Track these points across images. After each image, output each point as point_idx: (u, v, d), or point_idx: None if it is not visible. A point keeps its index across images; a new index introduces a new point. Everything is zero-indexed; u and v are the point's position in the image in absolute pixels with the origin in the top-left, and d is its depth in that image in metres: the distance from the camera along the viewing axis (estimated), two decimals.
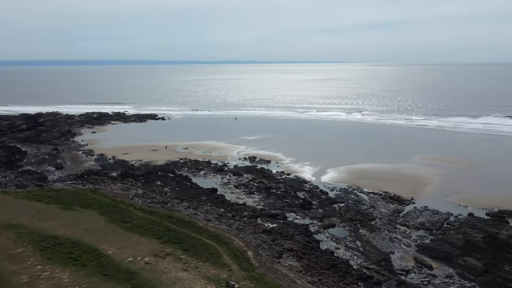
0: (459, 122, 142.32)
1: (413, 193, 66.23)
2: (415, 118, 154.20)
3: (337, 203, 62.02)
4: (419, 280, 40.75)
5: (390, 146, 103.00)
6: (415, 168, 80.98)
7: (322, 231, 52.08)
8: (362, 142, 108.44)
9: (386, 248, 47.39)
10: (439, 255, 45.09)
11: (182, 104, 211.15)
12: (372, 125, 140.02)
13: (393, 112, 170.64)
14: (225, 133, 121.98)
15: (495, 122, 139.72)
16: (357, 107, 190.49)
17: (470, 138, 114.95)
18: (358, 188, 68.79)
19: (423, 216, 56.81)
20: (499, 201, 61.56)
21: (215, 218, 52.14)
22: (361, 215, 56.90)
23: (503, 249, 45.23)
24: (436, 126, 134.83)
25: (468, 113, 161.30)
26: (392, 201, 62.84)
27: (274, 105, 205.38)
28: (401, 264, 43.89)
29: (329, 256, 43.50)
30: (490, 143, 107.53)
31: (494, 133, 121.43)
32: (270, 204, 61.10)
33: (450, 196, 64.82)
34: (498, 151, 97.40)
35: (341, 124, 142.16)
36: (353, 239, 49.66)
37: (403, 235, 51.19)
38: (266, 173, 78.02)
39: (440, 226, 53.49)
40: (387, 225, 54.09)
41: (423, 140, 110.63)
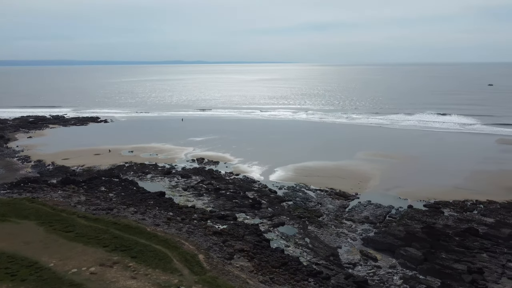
0: (396, 119, 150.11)
1: (357, 188, 68.89)
2: (356, 116, 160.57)
3: (286, 201, 63.06)
4: (365, 272, 42.48)
5: (334, 143, 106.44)
6: (358, 164, 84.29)
7: (272, 230, 52.71)
8: (307, 140, 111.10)
9: (334, 243, 48.92)
10: (383, 247, 47.26)
11: (126, 106, 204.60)
12: (317, 123, 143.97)
13: (336, 111, 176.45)
14: (172, 135, 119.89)
15: (428, 119, 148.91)
16: (302, 107, 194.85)
17: (407, 134, 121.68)
18: (305, 186, 70.40)
19: (367, 210, 59.29)
20: (435, 193, 65.67)
21: (164, 223, 51.07)
22: (309, 212, 58.30)
23: (440, 237, 48.38)
24: (376, 124, 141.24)
25: (404, 110, 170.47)
26: (338, 197, 64.98)
27: (221, 105, 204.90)
28: (348, 258, 45.51)
29: (279, 254, 44.12)
30: (425, 138, 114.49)
31: (428, 129, 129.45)
32: (220, 206, 60.89)
33: (391, 190, 68.17)
34: (433, 146, 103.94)
35: (287, 124, 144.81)
36: (302, 236, 50.74)
37: (349, 229, 53.11)
38: (215, 174, 77.66)
39: (383, 219, 56.09)
40: (334, 220, 55.86)
41: (364, 137, 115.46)
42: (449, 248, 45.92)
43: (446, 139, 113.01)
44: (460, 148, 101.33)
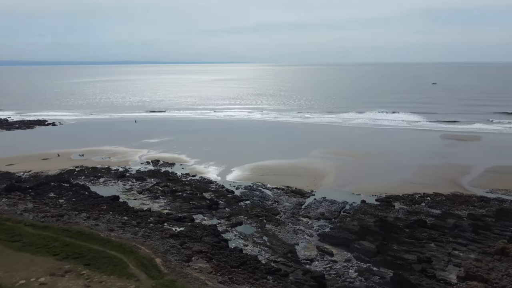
0: (348, 117, 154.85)
1: (312, 185, 70.34)
2: (310, 115, 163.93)
3: (243, 201, 63.22)
4: (322, 267, 43.48)
5: (289, 142, 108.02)
6: (313, 162, 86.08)
7: (230, 230, 52.66)
8: (263, 140, 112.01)
9: (291, 240, 49.66)
10: (338, 242, 48.55)
11: (76, 108, 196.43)
12: (272, 123, 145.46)
13: (291, 110, 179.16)
14: (125, 137, 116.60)
15: (378, 117, 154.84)
16: (257, 107, 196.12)
17: (359, 132, 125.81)
18: (262, 185, 70.92)
19: (323, 206, 60.69)
20: (386, 188, 68.39)
21: (119, 227, 49.56)
22: (267, 211, 58.80)
23: (391, 230, 50.44)
24: (329, 122, 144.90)
25: (355, 109, 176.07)
26: (294, 194, 66.02)
27: (176, 106, 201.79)
28: (306, 254, 46.37)
29: (238, 254, 44.16)
30: (375, 135, 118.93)
31: (378, 127, 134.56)
32: (177, 208, 60.00)
33: (345, 186, 70.20)
34: (383, 142, 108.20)
35: (243, 123, 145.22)
36: (260, 234, 51.08)
37: (306, 226, 54.12)
38: (171, 176, 76.41)
39: (338, 215, 57.64)
40: (291, 218, 56.69)
41: (318, 136, 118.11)
42: (400, 240, 47.99)
43: (395, 136, 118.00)
44: (408, 144, 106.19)
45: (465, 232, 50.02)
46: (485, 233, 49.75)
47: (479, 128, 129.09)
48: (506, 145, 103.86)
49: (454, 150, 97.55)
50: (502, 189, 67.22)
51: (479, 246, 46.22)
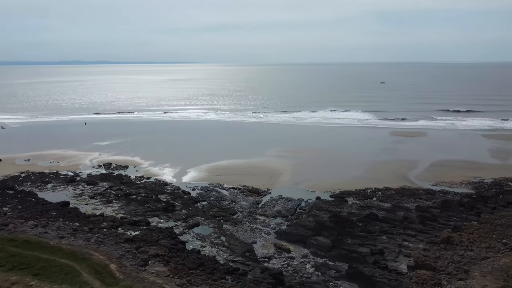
0: (302, 116, 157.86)
1: (269, 184, 71.04)
2: (265, 114, 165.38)
3: (200, 202, 62.74)
4: (280, 264, 44.06)
5: (245, 142, 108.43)
6: (269, 161, 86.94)
7: (187, 232, 52.09)
8: (219, 140, 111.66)
9: (249, 239, 49.90)
10: (295, 238, 49.38)
11: (20, 111, 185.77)
12: (227, 123, 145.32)
13: (246, 110, 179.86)
14: (75, 140, 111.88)
15: (330, 116, 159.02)
16: (212, 107, 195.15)
17: (312, 130, 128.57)
18: (219, 185, 70.70)
19: (279, 204, 61.47)
20: (340, 184, 70.38)
21: (70, 234, 47.59)
22: (224, 211, 58.71)
23: (346, 224, 52.02)
24: (283, 122, 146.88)
25: (308, 108, 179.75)
26: (251, 193, 66.36)
27: (128, 107, 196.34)
28: (263, 252, 46.78)
29: (196, 256, 43.78)
30: (328, 134, 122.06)
31: (330, 125, 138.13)
32: (131, 211, 58.48)
33: (300, 183, 71.50)
34: (335, 140, 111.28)
35: (198, 124, 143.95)
36: (217, 235, 50.92)
37: (263, 224, 54.58)
38: (124, 179, 74.35)
39: (294, 212, 58.61)
40: (248, 217, 56.96)
41: (273, 135, 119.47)
42: (354, 234, 49.59)
43: (347, 134, 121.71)
44: (360, 141, 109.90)
45: (414, 223, 52.54)
46: (432, 223, 52.52)
47: (424, 125, 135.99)
48: (449, 140, 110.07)
49: (402, 146, 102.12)
50: (446, 182, 71.21)
51: (427, 236, 48.70)
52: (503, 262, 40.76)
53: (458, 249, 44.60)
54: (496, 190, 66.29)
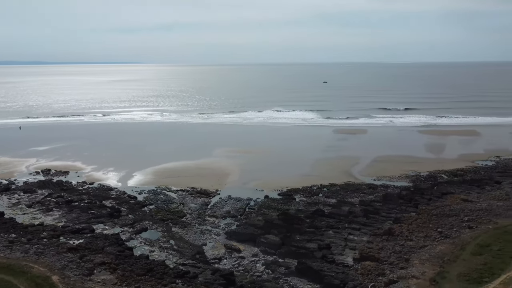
0: (249, 116, 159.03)
1: (217, 185, 70.86)
2: (212, 115, 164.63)
3: (147, 206, 61.27)
4: (231, 264, 44.15)
5: (192, 143, 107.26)
6: (217, 161, 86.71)
7: (134, 237, 50.66)
8: (165, 142, 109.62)
9: (199, 241, 49.51)
10: (245, 238, 49.67)
11: None
12: (174, 124, 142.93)
13: (192, 111, 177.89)
14: (8, 145, 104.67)
15: (276, 115, 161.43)
16: (157, 108, 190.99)
17: (259, 129, 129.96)
18: (166, 188, 69.44)
19: (228, 205, 61.52)
20: (287, 182, 71.70)
21: (5, 247, 44.59)
22: (172, 214, 57.77)
23: (294, 221, 53.16)
24: (230, 122, 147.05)
25: (255, 108, 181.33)
26: (200, 195, 65.85)
27: (68, 110, 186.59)
28: (214, 253, 46.62)
29: (144, 261, 42.74)
30: (275, 133, 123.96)
31: (277, 124, 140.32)
32: (74, 219, 55.83)
33: (248, 183, 72.01)
34: (282, 139, 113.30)
35: (143, 126, 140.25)
36: (166, 238, 50.02)
37: (213, 225, 54.37)
38: (65, 185, 70.83)
39: (243, 212, 58.92)
40: (197, 219, 56.47)
41: (221, 135, 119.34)
42: (302, 230, 50.80)
43: (292, 133, 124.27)
44: (305, 139, 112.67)
45: (358, 217, 54.81)
46: (374, 216, 55.08)
47: (365, 122, 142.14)
48: (388, 137, 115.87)
49: (345, 144, 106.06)
50: (386, 176, 74.92)
51: (370, 229, 50.99)
52: (439, 249, 43.64)
53: (399, 239, 47.13)
54: (431, 182, 70.76)
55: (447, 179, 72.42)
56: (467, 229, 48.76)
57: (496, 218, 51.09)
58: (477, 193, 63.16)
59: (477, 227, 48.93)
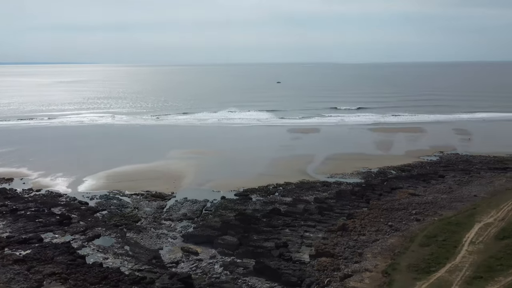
0: (203, 117, 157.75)
1: (173, 187, 69.82)
2: (165, 116, 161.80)
3: (100, 211, 59.26)
4: (189, 268, 43.66)
5: (145, 145, 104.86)
6: (171, 163, 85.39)
7: (86, 245, 48.81)
8: (117, 145, 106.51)
9: (155, 246, 48.55)
10: (202, 240, 49.30)
11: None
12: (126, 127, 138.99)
13: (145, 113, 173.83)
14: None
15: (231, 116, 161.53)
16: (109, 110, 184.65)
17: (214, 130, 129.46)
18: (119, 192, 67.45)
19: (184, 207, 60.78)
20: (243, 182, 71.96)
21: None
22: (126, 219, 56.24)
23: (251, 221, 53.49)
24: (184, 123, 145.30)
25: (209, 108, 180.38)
26: (155, 198, 64.56)
27: (10, 114, 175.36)
28: (171, 257, 45.91)
29: (98, 269, 41.31)
30: (230, 133, 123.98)
31: (231, 125, 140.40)
32: (20, 229, 52.81)
33: (204, 184, 71.55)
34: (237, 139, 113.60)
35: (93, 129, 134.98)
36: (121, 244, 48.62)
37: (169, 229, 53.51)
38: (9, 193, 66.88)
39: (200, 214, 58.45)
40: (153, 223, 55.34)
41: (175, 137, 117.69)
42: (259, 230, 51.22)
43: (247, 133, 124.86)
44: (260, 139, 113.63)
45: (313, 214, 56.05)
46: (329, 213, 56.60)
47: (318, 122, 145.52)
48: (340, 135, 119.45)
49: (299, 142, 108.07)
50: (339, 173, 77.16)
51: (325, 226, 52.33)
52: (390, 242, 45.58)
53: (353, 234, 48.73)
54: (381, 178, 73.76)
55: (396, 175, 75.78)
56: (415, 221, 51.28)
57: (441, 210, 54.13)
58: (423, 187, 66.62)
59: (424, 219, 51.58)
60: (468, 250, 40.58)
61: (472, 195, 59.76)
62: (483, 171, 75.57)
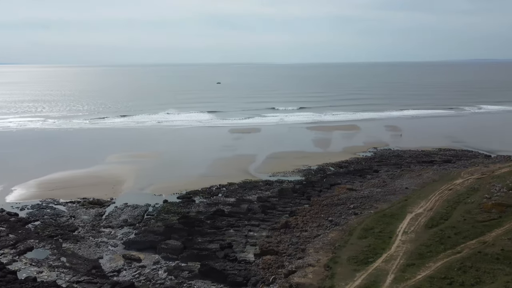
0: (142, 119, 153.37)
1: (112, 193, 67.23)
2: (101, 119, 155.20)
3: (32, 222, 55.56)
4: (131, 275, 42.31)
5: (81, 150, 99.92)
6: (110, 168, 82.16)
7: (18, 259, 45.54)
8: (49, 151, 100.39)
9: (94, 255, 46.50)
10: (145, 246, 47.99)
11: None
12: (59, 131, 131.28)
13: (80, 116, 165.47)
14: None
15: (171, 117, 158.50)
16: (38, 114, 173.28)
17: (154, 132, 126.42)
18: (53, 201, 63.72)
19: (125, 213, 58.79)
20: (186, 184, 71.04)
21: None
22: (62, 229, 53.27)
23: (195, 224, 52.97)
24: (122, 126, 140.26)
25: (148, 110, 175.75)
26: (93, 205, 61.79)
27: None
28: (112, 266, 44.22)
29: (31, 284, 38.79)
30: (170, 135, 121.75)
31: (172, 127, 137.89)
32: None
33: (146, 188, 69.70)
34: (178, 141, 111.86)
35: (22, 134, 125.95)
36: (56, 256, 45.98)
37: (109, 236, 51.49)
38: None
39: (141, 219, 56.84)
40: (91, 231, 52.95)
41: (113, 140, 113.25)
42: (203, 232, 50.86)
43: (189, 134, 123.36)
44: (202, 140, 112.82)
45: (257, 214, 56.72)
46: (272, 211, 57.58)
47: (258, 122, 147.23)
48: (280, 134, 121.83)
49: (241, 143, 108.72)
50: (280, 172, 78.71)
51: (269, 224, 53.16)
52: (331, 237, 47.32)
53: (295, 231, 49.96)
54: (321, 174, 76.32)
55: (334, 171, 78.75)
56: (353, 215, 53.67)
57: (377, 204, 57.12)
58: (359, 182, 69.90)
59: (361, 213, 54.14)
60: (402, 239, 43.22)
61: (403, 188, 63.66)
62: (413, 165, 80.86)
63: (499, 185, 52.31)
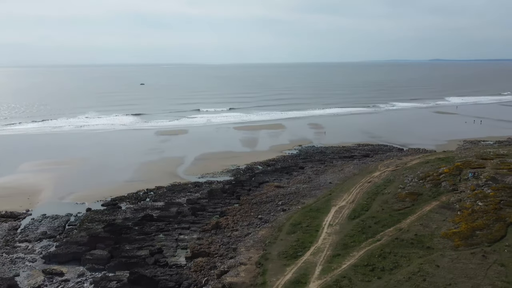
0: (59, 124, 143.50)
1: (27, 204, 62.26)
2: (11, 126, 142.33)
3: None
4: None
5: None
6: (24, 178, 75.94)
7: None
8: None
9: (9, 273, 42.75)
10: (68, 258, 45.13)
11: None
12: None
13: None
14: None
15: (90, 121, 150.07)
16: None
17: (72, 138, 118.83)
18: None
19: (43, 225, 54.77)
20: (110, 190, 67.98)
21: None
22: None
23: (122, 231, 50.96)
24: (37, 132, 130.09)
25: (65, 114, 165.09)
26: (5, 219, 56.70)
27: None
28: (30, 283, 41.00)
29: None
30: (90, 139, 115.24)
31: (92, 131, 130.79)
32: None
33: (66, 197, 65.54)
34: (100, 146, 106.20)
35: None
36: None
37: (26, 251, 47.63)
38: None
39: (62, 230, 53.37)
40: (5, 247, 48.59)
41: (27, 148, 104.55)
42: (131, 239, 49.10)
43: (111, 138, 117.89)
44: (126, 144, 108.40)
45: (187, 216, 56.05)
46: (202, 213, 57.26)
47: (185, 123, 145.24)
48: (207, 135, 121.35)
49: (168, 145, 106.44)
50: (209, 173, 78.48)
51: (199, 226, 52.81)
52: (261, 234, 48.21)
53: (226, 231, 50.19)
54: (250, 173, 77.39)
55: (262, 170, 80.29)
56: (281, 212, 55.20)
57: (303, 199, 59.32)
58: (287, 179, 72.06)
59: (289, 209, 55.88)
60: (328, 232, 45.38)
61: (327, 183, 66.84)
62: (335, 160, 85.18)
63: (411, 176, 57.10)
